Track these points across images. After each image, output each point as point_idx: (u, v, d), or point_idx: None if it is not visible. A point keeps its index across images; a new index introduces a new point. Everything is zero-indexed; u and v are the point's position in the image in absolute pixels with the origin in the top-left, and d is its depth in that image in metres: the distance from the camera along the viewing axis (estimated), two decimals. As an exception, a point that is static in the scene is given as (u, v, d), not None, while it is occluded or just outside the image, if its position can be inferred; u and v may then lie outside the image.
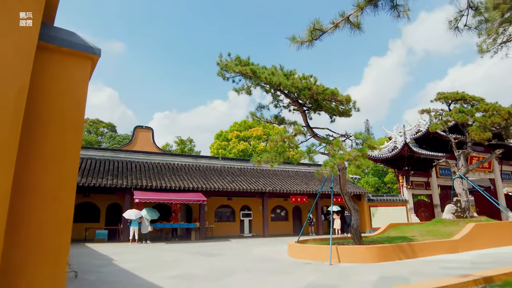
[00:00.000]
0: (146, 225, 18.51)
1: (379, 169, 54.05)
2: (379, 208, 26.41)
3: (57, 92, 3.38)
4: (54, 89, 3.37)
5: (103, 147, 26.72)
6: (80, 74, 3.61)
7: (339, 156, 10.17)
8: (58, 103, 3.36)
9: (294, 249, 12.05)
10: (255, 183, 22.96)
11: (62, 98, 3.40)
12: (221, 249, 14.70)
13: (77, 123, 3.47)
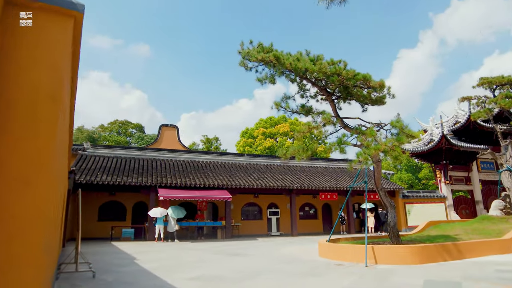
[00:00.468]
0: (172, 224, 18.15)
1: (412, 164, 51.64)
2: (415, 205, 24.86)
3: (30, 58, 2.73)
4: (25, 54, 2.73)
5: (129, 146, 26.74)
6: (58, 35, 2.95)
7: (374, 147, 9.19)
8: (31, 71, 2.71)
9: (325, 249, 11.16)
10: (282, 180, 22.14)
11: (36, 65, 2.74)
12: (247, 248, 14.02)
13: (55, 96, 2.80)
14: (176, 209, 18.49)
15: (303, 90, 12.74)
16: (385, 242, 12.16)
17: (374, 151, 9.22)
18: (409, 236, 14.96)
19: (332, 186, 22.08)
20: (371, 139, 9.81)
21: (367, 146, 9.52)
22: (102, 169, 19.78)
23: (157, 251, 13.44)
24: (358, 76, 10.41)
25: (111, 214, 21.17)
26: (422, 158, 26.66)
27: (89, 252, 12.94)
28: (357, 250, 10.04)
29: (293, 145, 11.07)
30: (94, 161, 21.07)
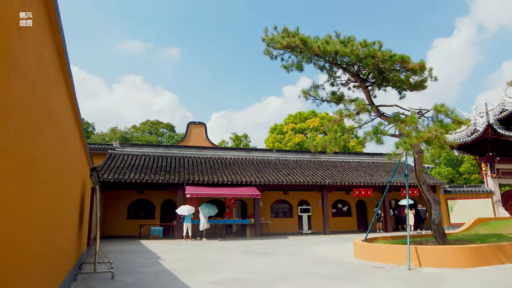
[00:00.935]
0: (203, 222, 17.73)
1: (452, 158, 48.73)
2: (458, 201, 23.05)
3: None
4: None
5: (156, 144, 26.73)
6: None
7: (416, 135, 8.13)
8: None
9: (361, 249, 10.19)
10: (312, 175, 21.17)
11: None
12: (276, 248, 13.27)
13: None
14: (207, 207, 18.05)
15: (333, 77, 11.79)
16: (429, 242, 11.02)
17: (416, 140, 8.16)
18: (455, 235, 13.60)
19: (367, 182, 20.84)
20: (412, 127, 8.74)
21: (407, 135, 8.46)
22: (130, 167, 19.72)
23: (183, 250, 12.99)
24: (395, 58, 9.34)
25: (140, 212, 21.13)
26: (465, 150, 24.71)
27: (115, 251, 12.71)
28: (398, 250, 9.02)
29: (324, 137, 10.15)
30: (122, 160, 21.10)
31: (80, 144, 7.52)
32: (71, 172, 6.22)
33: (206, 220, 17.84)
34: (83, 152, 8.27)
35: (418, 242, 11.10)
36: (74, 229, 7.29)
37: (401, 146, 8.29)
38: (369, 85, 11.54)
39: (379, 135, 8.83)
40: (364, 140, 9.11)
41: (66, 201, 5.69)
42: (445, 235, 10.19)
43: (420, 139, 8.12)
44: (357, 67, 10.79)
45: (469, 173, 46.15)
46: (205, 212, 17.71)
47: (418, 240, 11.90)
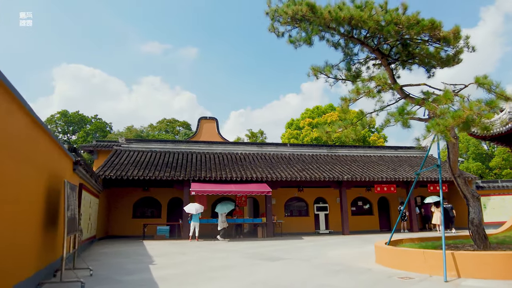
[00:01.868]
0: (221, 220, 16.54)
1: (481, 152, 45.72)
2: (493, 197, 20.87)
3: None
4: None
5: (163, 139, 25.72)
6: None
7: (453, 114, 6.47)
8: None
9: (384, 254, 8.60)
10: (329, 170, 19.53)
11: None
12: (288, 250, 11.80)
13: None
14: (223, 204, 16.86)
15: (350, 55, 10.19)
16: (465, 245, 9.31)
17: (453, 121, 6.51)
18: (495, 236, 11.74)
19: (390, 177, 19.01)
20: (446, 106, 7.09)
21: (441, 115, 6.81)
22: (135, 164, 18.66)
23: (183, 252, 11.71)
24: (424, 23, 7.68)
25: (146, 211, 20.12)
26: (499, 141, 22.34)
27: (109, 253, 11.58)
28: (430, 257, 7.39)
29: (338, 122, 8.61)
30: (128, 156, 20.09)
31: (43, 139, 6.34)
32: (21, 166, 5.00)
33: (224, 218, 16.65)
34: (51, 145, 7.05)
35: (452, 245, 9.41)
36: (34, 231, 6.08)
37: (433, 129, 6.65)
38: (392, 62, 9.90)
39: (406, 117, 7.20)
40: (387, 123, 7.50)
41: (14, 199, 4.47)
42: (486, 238, 8.47)
43: (458, 119, 6.47)
44: (377, 40, 9.18)
45: (500, 168, 43.09)
46: (221, 210, 16.55)
47: (451, 242, 10.18)
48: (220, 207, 16.73)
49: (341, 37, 9.95)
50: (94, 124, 54.40)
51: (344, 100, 8.05)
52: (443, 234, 7.39)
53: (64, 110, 54.65)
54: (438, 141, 7.55)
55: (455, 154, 8.65)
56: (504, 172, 42.16)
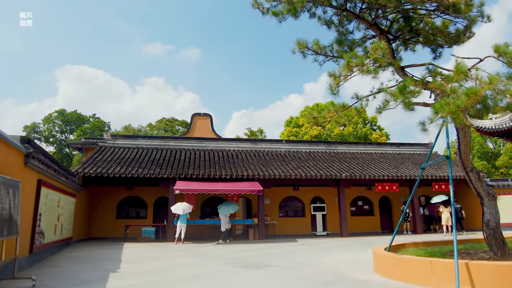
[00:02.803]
0: (224, 222, 15.35)
1: (487, 150, 44.19)
2: (502, 197, 19.46)
3: None
4: None
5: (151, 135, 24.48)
6: None
7: (468, 90, 5.16)
8: None
9: (384, 262, 7.30)
10: (327, 168, 18.21)
11: None
12: (277, 255, 10.51)
13: None
14: (227, 205, 15.64)
15: (344, 34, 8.90)
16: (478, 251, 8.03)
17: (468, 100, 5.19)
18: (509, 240, 10.42)
19: (392, 175, 17.67)
20: (458, 85, 5.78)
21: (454, 94, 5.51)
22: (118, 161, 17.44)
23: (160, 257, 10.43)
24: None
25: (131, 211, 18.88)
26: (507, 137, 21.02)
27: (74, 258, 10.32)
28: (438, 267, 6.09)
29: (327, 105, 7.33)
30: (112, 153, 18.88)
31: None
32: None
33: (227, 219, 15.47)
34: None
35: (463, 251, 8.11)
36: None
37: (442, 110, 5.34)
38: (392, 40, 8.59)
39: (408, 96, 5.88)
40: (385, 104, 6.19)
41: None
42: (505, 243, 7.16)
43: (474, 96, 5.15)
44: (375, 12, 7.88)
45: (506, 167, 41.57)
46: (225, 211, 15.33)
47: (461, 248, 8.87)
48: (224, 208, 15.49)
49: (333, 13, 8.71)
50: (92, 123, 53.40)
51: (333, 77, 6.73)
52: (455, 239, 6.08)
53: (61, 109, 53.67)
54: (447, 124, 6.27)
55: (467, 144, 7.33)
56: (511, 171, 40.63)
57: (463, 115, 5.38)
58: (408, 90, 5.91)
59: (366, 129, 37.91)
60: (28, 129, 50.93)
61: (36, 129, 51.97)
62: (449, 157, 6.95)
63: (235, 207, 15.82)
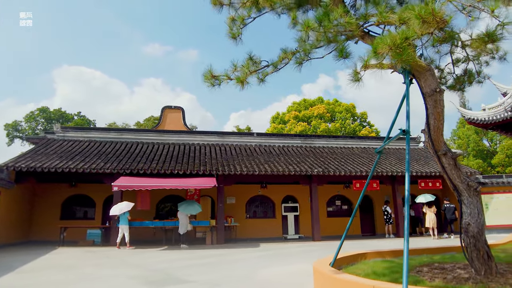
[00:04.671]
0: (184, 224, 13.43)
1: (483, 148, 42.22)
2: (496, 195, 17.45)
3: None
4: None
5: (106, 127, 22.40)
6: None
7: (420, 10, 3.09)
8: None
9: (324, 283, 5.24)
10: (298, 163, 16.14)
11: None
12: (212, 266, 8.43)
13: None
14: (189, 204, 13.70)
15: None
16: (456, 265, 6.04)
17: (422, 26, 3.12)
18: (503, 248, 8.36)
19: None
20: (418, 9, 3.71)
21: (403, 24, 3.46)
22: (61, 155, 15.32)
23: (60, 267, 8.29)
24: None
25: (78, 211, 16.77)
26: (502, 130, 19.01)
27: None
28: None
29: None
30: (59, 146, 16.76)
31: None
32: None
33: (187, 220, 13.55)
34: None
35: (437, 265, 6.09)
36: None
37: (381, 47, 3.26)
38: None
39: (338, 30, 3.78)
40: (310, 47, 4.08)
41: None
42: (491, 257, 5.10)
43: (431, 19, 3.07)
44: None
45: (503, 166, 39.61)
46: (186, 211, 13.48)
47: (438, 259, 6.86)
48: (186, 207, 13.52)
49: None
50: (75, 122, 51.33)
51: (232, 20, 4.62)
52: (405, 251, 4.01)
53: (44, 106, 51.58)
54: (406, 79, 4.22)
55: (438, 117, 5.26)
56: (507, 170, 38.61)
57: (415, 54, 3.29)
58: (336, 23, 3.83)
59: (355, 125, 35.86)
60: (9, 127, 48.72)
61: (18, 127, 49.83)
62: (408, 132, 4.87)
63: (198, 208, 13.83)
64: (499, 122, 18.29)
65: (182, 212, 13.54)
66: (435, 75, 5.26)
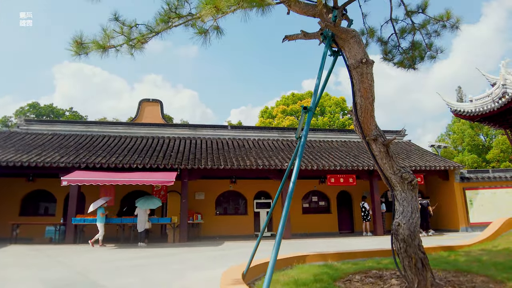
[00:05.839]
0: (142, 220, 12.59)
1: (478, 143, 41.22)
2: (481, 191, 16.54)
3: None
4: None
5: (72, 120, 21.55)
6: None
7: None
8: None
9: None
10: (270, 157, 15.25)
11: None
12: (142, 268, 7.59)
13: None
14: (147, 199, 12.93)
15: None
16: (395, 274, 5.18)
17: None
18: (466, 251, 7.47)
19: (347, 165, 14.70)
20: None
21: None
22: (17, 148, 14.46)
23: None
24: None
25: (39, 207, 15.95)
26: (491, 121, 18.03)
27: None
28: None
29: None
30: (20, 139, 15.91)
31: None
32: None
33: (146, 217, 12.72)
34: None
35: (374, 274, 5.23)
36: None
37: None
38: None
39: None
40: None
41: None
42: (425, 266, 4.22)
43: None
44: None
45: (498, 161, 38.62)
46: (144, 206, 12.65)
47: (385, 264, 6.02)
48: (143, 203, 12.70)
49: None
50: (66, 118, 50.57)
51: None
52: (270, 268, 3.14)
53: (34, 102, 50.87)
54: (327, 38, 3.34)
55: (366, 94, 4.35)
56: (502, 165, 37.63)
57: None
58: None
59: (345, 119, 34.90)
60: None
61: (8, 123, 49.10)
62: (310, 110, 3.98)
63: (157, 203, 13.02)
64: (486, 113, 17.35)
65: (140, 208, 12.73)
66: (361, 43, 4.35)
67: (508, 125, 17.28)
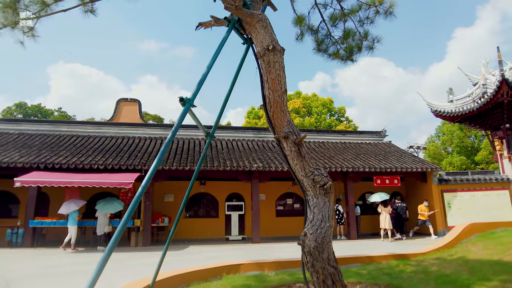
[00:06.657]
0: (102, 223, 12.14)
1: (466, 145, 40.88)
2: (460, 194, 16.09)
3: None
4: None
5: (40, 119, 20.96)
6: None
7: None
8: None
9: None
10: (239, 158, 14.74)
11: None
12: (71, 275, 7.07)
13: None
14: (108, 202, 12.50)
15: None
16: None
17: None
18: (420, 260, 6.98)
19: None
20: None
21: None
22: (-24, 147, 13.88)
23: None
24: None
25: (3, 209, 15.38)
26: (472, 122, 17.68)
27: None
28: None
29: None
30: (-18, 139, 15.30)
31: None
32: None
33: (107, 221, 12.25)
34: None
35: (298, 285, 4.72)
36: None
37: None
38: None
39: None
40: None
41: None
42: (337, 284, 3.70)
43: None
44: None
45: (487, 163, 38.29)
46: (105, 210, 12.18)
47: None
48: (103, 206, 12.18)
49: None
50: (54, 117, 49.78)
51: None
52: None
53: (21, 101, 50.12)
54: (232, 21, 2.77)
55: (274, 86, 3.86)
56: (491, 167, 37.29)
57: None
58: None
59: (331, 120, 34.44)
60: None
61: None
62: (188, 102, 3.51)
63: (118, 207, 12.48)
64: (466, 114, 16.96)
65: (100, 212, 12.19)
66: (268, 28, 3.86)
67: (488, 126, 16.89)
